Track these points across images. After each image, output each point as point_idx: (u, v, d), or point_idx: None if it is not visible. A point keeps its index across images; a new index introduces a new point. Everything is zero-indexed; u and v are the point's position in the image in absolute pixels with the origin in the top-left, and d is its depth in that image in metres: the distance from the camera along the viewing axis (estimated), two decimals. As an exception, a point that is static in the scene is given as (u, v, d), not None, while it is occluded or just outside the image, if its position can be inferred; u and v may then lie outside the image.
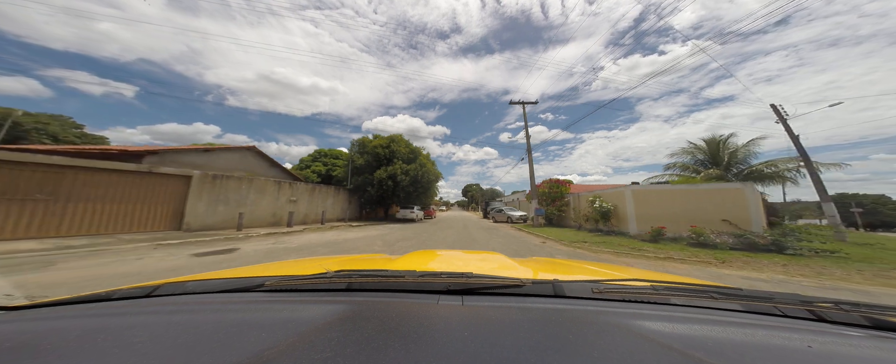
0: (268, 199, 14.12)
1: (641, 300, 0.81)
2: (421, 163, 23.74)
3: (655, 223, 10.56)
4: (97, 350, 0.52)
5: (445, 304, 0.75)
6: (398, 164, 22.36)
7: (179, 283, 0.95)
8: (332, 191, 19.99)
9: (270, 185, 14.42)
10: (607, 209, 12.69)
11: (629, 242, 9.89)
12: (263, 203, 13.81)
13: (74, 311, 0.75)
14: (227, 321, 0.64)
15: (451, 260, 1.89)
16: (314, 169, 28.82)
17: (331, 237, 11.48)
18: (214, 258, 6.47)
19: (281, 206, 14.79)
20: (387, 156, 22.94)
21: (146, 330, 0.60)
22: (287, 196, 15.39)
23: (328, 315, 0.66)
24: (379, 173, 21.36)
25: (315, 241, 10.26)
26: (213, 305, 0.77)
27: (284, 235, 11.24)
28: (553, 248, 9.52)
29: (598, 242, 10.00)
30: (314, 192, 17.83)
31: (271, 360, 0.47)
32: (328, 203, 19.16)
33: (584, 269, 1.66)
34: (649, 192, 11.84)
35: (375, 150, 22.70)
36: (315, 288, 0.88)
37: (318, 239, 10.64)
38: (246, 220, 12.57)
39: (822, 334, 0.63)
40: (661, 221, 10.56)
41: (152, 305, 0.79)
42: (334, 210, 19.90)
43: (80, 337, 0.57)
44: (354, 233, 13.37)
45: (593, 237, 11.35)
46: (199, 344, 0.54)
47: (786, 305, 0.76)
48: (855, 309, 0.75)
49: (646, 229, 10.95)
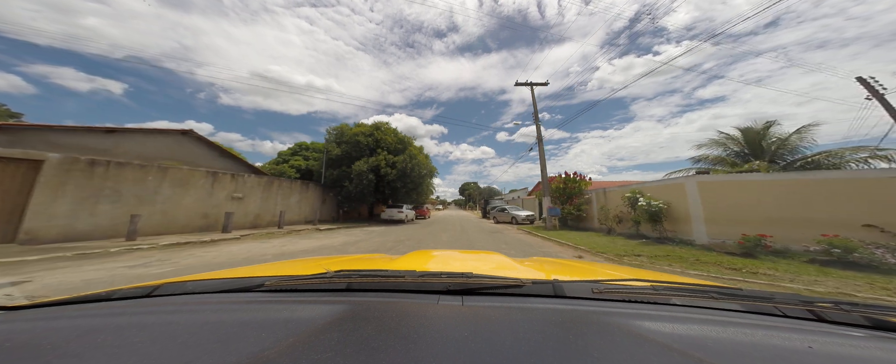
0: (194, 196, 10.44)
1: (641, 300, 0.80)
2: (411, 154, 20.15)
3: (739, 227, 7.13)
4: (97, 350, 0.52)
5: (445, 305, 0.74)
6: (382, 155, 18.73)
7: (179, 283, 0.94)
8: (299, 186, 16.28)
9: (199, 176, 10.71)
10: (658, 208, 9.22)
11: (709, 256, 6.47)
12: (186, 201, 10.14)
13: (74, 311, 0.74)
14: (227, 321, 0.64)
15: (450, 260, 1.86)
16: (293, 164, 25.15)
17: (271, 248, 7.90)
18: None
19: (217, 205, 11.12)
20: (370, 145, 19.28)
21: (146, 330, 0.60)
22: (228, 192, 11.70)
23: (328, 315, 0.65)
24: (358, 165, 17.71)
25: (240, 254, 6.69)
26: (212, 305, 0.77)
27: (203, 246, 7.64)
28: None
29: (660, 256, 6.71)
30: (271, 188, 14.12)
31: (271, 360, 0.47)
32: (292, 201, 15.46)
33: (584, 269, 1.67)
34: (727, 185, 8.29)
35: (355, 138, 19.04)
36: (315, 288, 0.87)
37: (247, 252, 7.05)
38: (153, 224, 8.94)
39: (822, 334, 0.63)
40: (747, 225, 7.11)
41: (152, 305, 0.79)
42: (301, 209, 16.21)
43: (80, 337, 0.57)
44: (312, 241, 9.79)
45: (642, 247, 7.98)
46: (198, 344, 0.53)
47: (786, 305, 0.76)
48: (855, 309, 0.74)
49: (722, 235, 7.56)
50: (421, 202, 27.09)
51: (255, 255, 6.95)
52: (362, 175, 17.53)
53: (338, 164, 19.08)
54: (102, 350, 0.51)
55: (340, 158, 19.01)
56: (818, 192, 6.94)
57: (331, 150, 19.58)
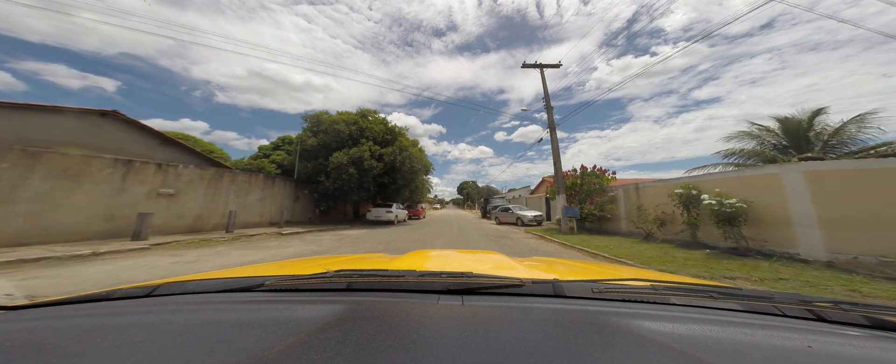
0: (92, 192, 7.68)
1: (641, 300, 0.80)
2: (401, 146, 17.42)
3: (875, 233, 4.46)
4: (97, 350, 0.52)
5: (445, 304, 0.74)
6: (367, 146, 15.98)
7: (179, 282, 0.94)
8: (261, 181, 13.46)
9: (101, 166, 7.90)
10: (735, 208, 6.51)
11: (861, 284, 3.78)
12: (77, 198, 7.37)
13: (74, 311, 0.74)
14: (227, 321, 0.64)
15: (450, 260, 1.86)
16: (274, 159, 22.44)
17: (179, 264, 5.13)
18: None
19: (133, 204, 8.36)
20: (353, 135, 16.51)
21: (146, 330, 0.60)
22: (151, 187, 8.95)
23: (328, 315, 0.66)
24: (336, 157, 14.96)
25: (102, 277, 3.96)
26: (213, 305, 0.77)
27: (59, 265, 4.89)
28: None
29: (768, 279, 4.22)
30: (220, 183, 11.30)
31: (271, 360, 0.47)
32: (251, 199, 12.68)
33: (584, 269, 1.65)
34: (856, 175, 5.49)
35: (335, 126, 16.27)
36: (315, 288, 0.88)
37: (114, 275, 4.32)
38: (10, 232, 6.20)
39: (822, 334, 0.62)
40: (888, 229, 4.43)
41: (152, 305, 0.79)
42: (264, 209, 13.44)
43: (80, 337, 0.57)
44: (252, 252, 7.03)
45: (717, 261, 5.50)
46: (198, 344, 0.53)
47: (785, 305, 0.75)
48: (854, 308, 0.74)
49: (850, 246, 4.94)
50: (415, 201, 24.42)
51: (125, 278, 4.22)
52: (341, 168, 14.78)
53: (314, 155, 16.29)
54: (102, 350, 0.51)
55: (317, 149, 16.21)
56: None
57: (306, 139, 16.80)
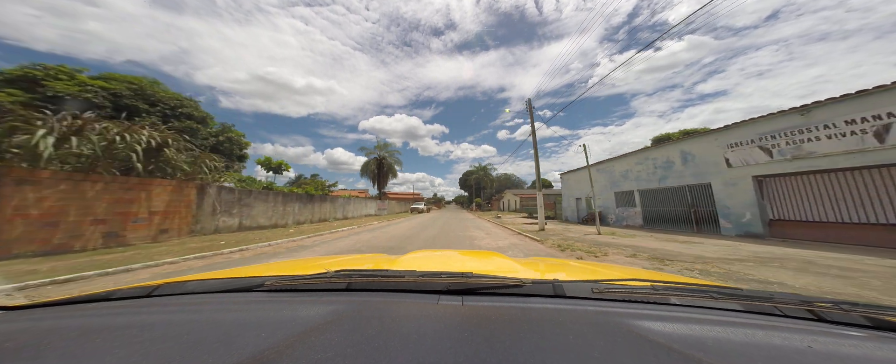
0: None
1: (641, 300, 0.80)
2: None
3: None
4: (97, 350, 0.52)
5: (445, 304, 0.73)
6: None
7: (179, 282, 0.94)
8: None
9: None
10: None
11: None
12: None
13: (74, 311, 0.75)
14: (228, 321, 0.64)
15: (451, 260, 1.85)
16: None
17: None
18: None
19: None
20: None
21: (146, 330, 0.60)
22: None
23: (328, 315, 0.65)
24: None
25: None
26: (213, 305, 0.76)
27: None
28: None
29: None
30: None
31: (271, 359, 0.47)
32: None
33: (585, 269, 1.64)
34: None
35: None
36: (315, 288, 0.87)
37: None
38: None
39: (822, 334, 0.62)
40: None
41: (152, 305, 0.79)
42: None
43: (80, 337, 0.57)
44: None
45: None
46: (199, 344, 0.53)
47: (785, 305, 0.75)
48: (854, 308, 0.73)
49: None
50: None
51: None
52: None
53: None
54: (102, 350, 0.51)
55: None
56: None
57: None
